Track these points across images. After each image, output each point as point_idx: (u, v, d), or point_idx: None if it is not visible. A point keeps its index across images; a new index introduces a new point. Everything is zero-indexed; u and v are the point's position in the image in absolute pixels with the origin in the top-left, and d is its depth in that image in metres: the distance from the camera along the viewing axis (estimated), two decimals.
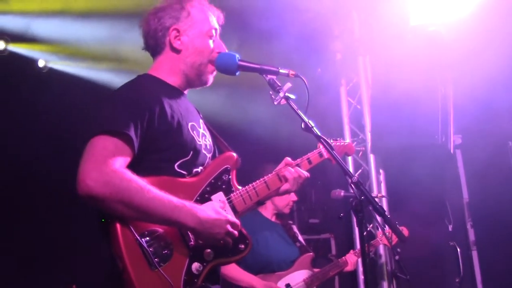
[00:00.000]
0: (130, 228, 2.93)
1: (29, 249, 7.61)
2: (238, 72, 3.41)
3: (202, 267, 3.07)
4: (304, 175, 3.69)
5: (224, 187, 3.34)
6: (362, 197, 3.02)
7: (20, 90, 7.91)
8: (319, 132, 3.23)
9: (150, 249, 2.93)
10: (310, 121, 3.22)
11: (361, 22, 8.35)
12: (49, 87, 8.11)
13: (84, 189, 2.82)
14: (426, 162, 7.23)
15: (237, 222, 3.20)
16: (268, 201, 5.88)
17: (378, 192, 7.94)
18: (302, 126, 3.23)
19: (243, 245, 3.26)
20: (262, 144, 7.96)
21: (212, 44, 3.46)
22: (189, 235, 3.08)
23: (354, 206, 3.02)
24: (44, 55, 8.30)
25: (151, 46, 3.49)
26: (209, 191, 3.27)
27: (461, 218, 7.88)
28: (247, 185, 3.45)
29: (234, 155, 3.46)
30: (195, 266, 3.05)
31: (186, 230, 3.07)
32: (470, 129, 7.75)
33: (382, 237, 6.37)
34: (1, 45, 7.91)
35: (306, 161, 3.80)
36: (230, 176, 3.39)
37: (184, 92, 3.51)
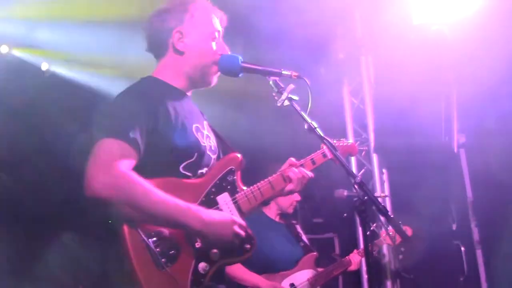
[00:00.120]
0: (137, 229, 2.94)
1: (33, 249, 7.64)
2: (241, 73, 3.42)
3: (208, 267, 3.08)
4: (308, 175, 3.69)
5: (229, 187, 3.34)
6: (365, 197, 3.00)
7: (22, 92, 7.94)
8: (322, 133, 3.22)
9: (157, 250, 2.95)
10: (313, 122, 3.21)
11: (363, 22, 8.36)
12: (51, 90, 8.17)
13: (91, 192, 2.85)
14: (430, 162, 7.24)
15: (243, 223, 3.22)
16: (271, 201, 5.91)
17: (382, 192, 7.95)
18: (305, 127, 3.22)
19: (248, 245, 3.27)
20: (266, 145, 7.98)
21: (215, 46, 3.45)
22: (194, 236, 3.08)
23: (357, 207, 3.00)
24: (47, 60, 8.35)
25: (154, 48, 3.50)
26: (214, 192, 3.28)
27: (465, 217, 7.85)
28: (251, 186, 3.45)
29: (239, 156, 3.46)
30: (201, 266, 3.06)
31: (191, 232, 3.07)
32: (474, 128, 7.75)
33: (386, 237, 6.37)
34: (4, 49, 7.94)
35: (310, 162, 3.78)
36: (235, 177, 3.39)
37: (188, 93, 3.51)
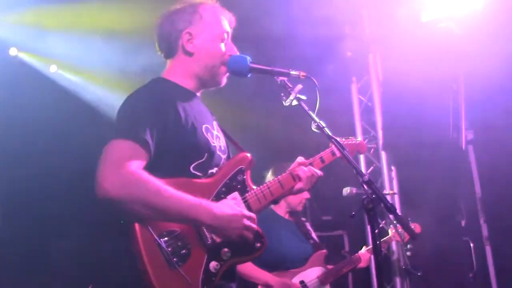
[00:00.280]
0: (149, 228, 2.96)
1: (44, 247, 7.69)
2: (250, 74, 3.44)
3: (219, 265, 3.10)
4: (317, 174, 3.71)
5: (239, 187, 3.37)
6: (373, 195, 3.02)
7: (29, 93, 8.02)
8: (330, 132, 3.24)
9: (168, 249, 2.97)
10: (321, 122, 3.24)
11: (371, 20, 8.37)
12: (58, 91, 8.28)
13: (103, 192, 2.88)
14: (438, 158, 7.25)
15: (253, 215, 3.24)
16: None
17: (390, 189, 7.97)
18: (313, 127, 3.25)
19: (259, 244, 3.28)
20: (276, 143, 8.02)
21: (224, 47, 3.48)
22: (206, 234, 3.11)
23: (365, 205, 3.03)
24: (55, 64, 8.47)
25: (164, 49, 3.53)
26: (224, 192, 3.30)
27: (474, 213, 7.85)
28: (261, 185, 3.48)
29: (248, 155, 3.49)
30: (212, 265, 3.08)
31: (203, 228, 3.10)
32: (482, 124, 7.75)
33: (395, 234, 6.39)
34: (14, 51, 8.06)
35: (319, 160, 3.81)
36: (245, 176, 3.42)
37: (197, 94, 3.53)
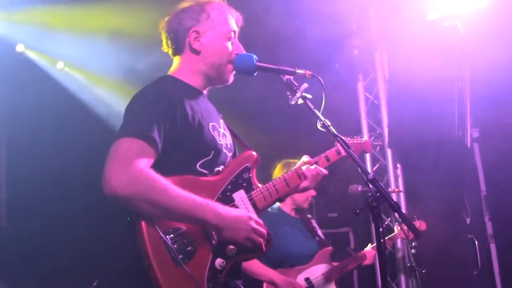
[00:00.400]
0: (155, 226, 2.98)
1: (49, 243, 7.72)
2: (256, 72, 3.46)
3: (225, 262, 3.12)
4: (323, 172, 3.73)
5: (245, 185, 3.39)
6: (378, 193, 3.04)
7: (34, 90, 8.08)
8: (335, 131, 3.26)
9: (174, 246, 2.99)
10: (327, 120, 3.25)
11: (378, 18, 8.38)
12: (63, 89, 8.35)
13: (110, 190, 2.90)
14: (444, 156, 7.26)
15: (260, 221, 3.24)
16: None
17: (396, 187, 7.97)
18: (319, 125, 3.28)
19: (264, 242, 3.27)
20: (281, 142, 8.04)
21: (231, 46, 3.50)
22: (211, 232, 3.12)
23: (369, 203, 3.05)
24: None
25: (171, 47, 3.55)
26: (230, 189, 3.32)
27: (479, 211, 7.85)
28: (267, 183, 3.49)
29: (254, 154, 3.50)
30: (218, 262, 3.10)
31: (209, 228, 3.12)
32: (487, 122, 7.75)
33: (400, 231, 6.40)
34: (20, 47, 8.10)
35: (324, 159, 3.84)
36: (251, 174, 3.43)
37: (204, 92, 3.55)
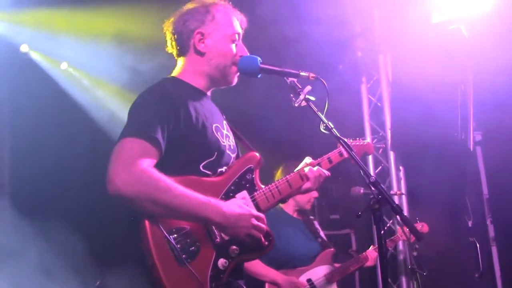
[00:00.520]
0: (159, 225, 3.00)
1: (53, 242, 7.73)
2: (260, 74, 3.47)
3: (227, 263, 3.13)
4: (325, 174, 3.74)
5: (248, 186, 3.40)
6: (380, 196, 3.06)
7: (38, 89, 8.11)
8: (338, 133, 3.28)
9: (177, 246, 3.00)
10: (329, 122, 3.27)
11: (382, 20, 8.38)
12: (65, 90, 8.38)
13: (114, 189, 2.92)
14: (446, 159, 7.27)
15: (261, 215, 3.26)
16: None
17: (398, 189, 7.99)
18: (321, 128, 3.29)
19: (267, 242, 3.30)
20: (284, 143, 8.06)
21: (235, 48, 3.52)
22: (214, 232, 3.14)
23: (371, 205, 3.06)
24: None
25: (175, 48, 3.56)
26: (233, 190, 3.33)
27: (480, 214, 7.87)
28: (270, 184, 3.50)
29: (257, 155, 3.51)
30: (221, 262, 3.11)
31: (212, 226, 3.13)
32: (490, 125, 7.76)
33: (402, 233, 6.40)
34: (25, 47, 8.09)
35: (326, 160, 3.84)
36: (254, 175, 3.44)
37: (208, 93, 3.57)
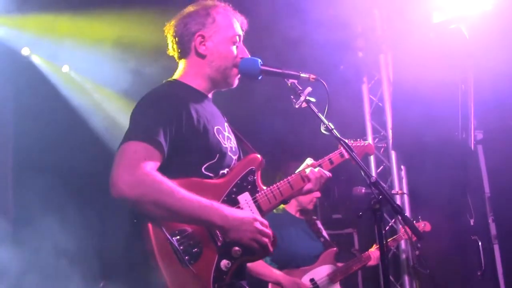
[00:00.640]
0: (161, 227, 3.02)
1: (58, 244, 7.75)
2: (261, 76, 3.49)
3: (230, 264, 3.14)
4: (326, 175, 3.77)
5: (249, 187, 3.41)
6: (380, 196, 3.09)
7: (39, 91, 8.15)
8: (339, 134, 3.30)
9: (180, 248, 3.02)
10: (330, 124, 3.29)
11: (383, 20, 8.39)
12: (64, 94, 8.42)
13: (118, 192, 2.94)
14: (447, 158, 7.28)
15: (265, 221, 3.27)
16: None
17: (400, 189, 8.01)
18: (322, 129, 3.31)
19: (269, 243, 3.28)
20: (285, 145, 8.08)
21: (236, 50, 3.53)
22: (217, 234, 3.15)
23: (372, 205, 3.09)
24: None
25: (176, 50, 3.58)
26: (235, 192, 3.35)
27: (482, 212, 7.88)
28: (271, 185, 3.52)
29: (259, 156, 3.53)
30: (223, 263, 3.12)
31: (214, 229, 3.15)
32: (491, 124, 7.78)
33: (404, 232, 6.43)
34: (26, 51, 8.08)
35: (327, 162, 3.86)
36: (255, 177, 3.45)
37: (209, 95, 3.59)
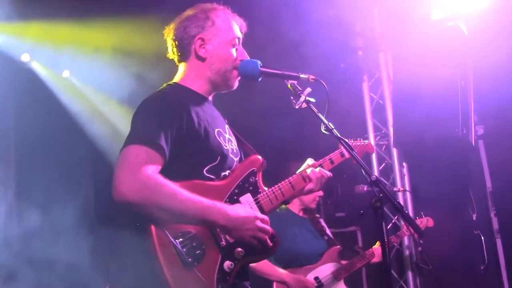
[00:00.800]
0: (164, 230, 3.04)
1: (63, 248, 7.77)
2: (261, 78, 3.52)
3: (233, 265, 3.17)
4: (327, 175, 3.80)
5: (251, 188, 3.44)
6: (381, 194, 3.11)
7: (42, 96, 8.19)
8: (339, 133, 3.32)
9: (183, 250, 3.04)
10: (330, 123, 3.31)
11: (382, 18, 8.42)
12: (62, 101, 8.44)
13: (120, 196, 2.98)
14: (449, 153, 7.30)
15: (266, 218, 3.31)
16: None
17: (402, 185, 8.01)
18: (322, 129, 3.33)
19: (271, 243, 3.34)
20: (286, 146, 8.11)
21: (235, 53, 3.56)
22: (220, 235, 3.18)
23: (373, 203, 3.12)
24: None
25: (176, 54, 3.61)
26: (237, 193, 3.38)
27: (484, 207, 7.87)
28: (273, 186, 3.55)
29: (260, 158, 3.56)
30: (226, 264, 3.15)
31: (217, 230, 3.17)
32: (492, 118, 7.79)
33: (407, 229, 6.45)
34: (26, 57, 8.08)
35: (328, 162, 3.90)
36: (257, 178, 3.49)
37: (209, 98, 3.61)
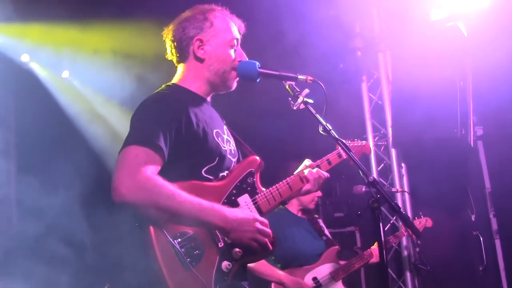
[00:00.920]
0: (163, 230, 3.05)
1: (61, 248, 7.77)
2: (259, 79, 3.52)
3: (231, 265, 3.18)
4: (324, 175, 3.80)
5: (249, 189, 3.45)
6: (379, 195, 3.11)
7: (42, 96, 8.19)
8: (336, 134, 3.33)
9: (182, 250, 3.05)
10: (328, 124, 3.32)
11: (381, 18, 8.43)
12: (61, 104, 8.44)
13: (119, 196, 2.99)
14: (447, 154, 7.31)
15: (265, 220, 3.32)
16: None
17: (400, 186, 8.03)
18: (320, 130, 3.33)
19: (269, 244, 3.32)
20: (284, 146, 8.11)
21: (234, 54, 3.57)
22: (218, 235, 3.18)
23: (370, 204, 3.11)
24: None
25: (175, 55, 3.62)
26: (235, 194, 3.39)
27: (483, 207, 7.89)
28: (270, 187, 3.56)
29: (258, 158, 3.57)
30: (224, 264, 3.16)
31: (215, 230, 3.18)
32: (491, 119, 7.80)
33: (405, 229, 6.47)
34: (26, 57, 8.05)
35: (325, 162, 3.91)
36: (255, 178, 3.50)
37: (208, 99, 3.63)
